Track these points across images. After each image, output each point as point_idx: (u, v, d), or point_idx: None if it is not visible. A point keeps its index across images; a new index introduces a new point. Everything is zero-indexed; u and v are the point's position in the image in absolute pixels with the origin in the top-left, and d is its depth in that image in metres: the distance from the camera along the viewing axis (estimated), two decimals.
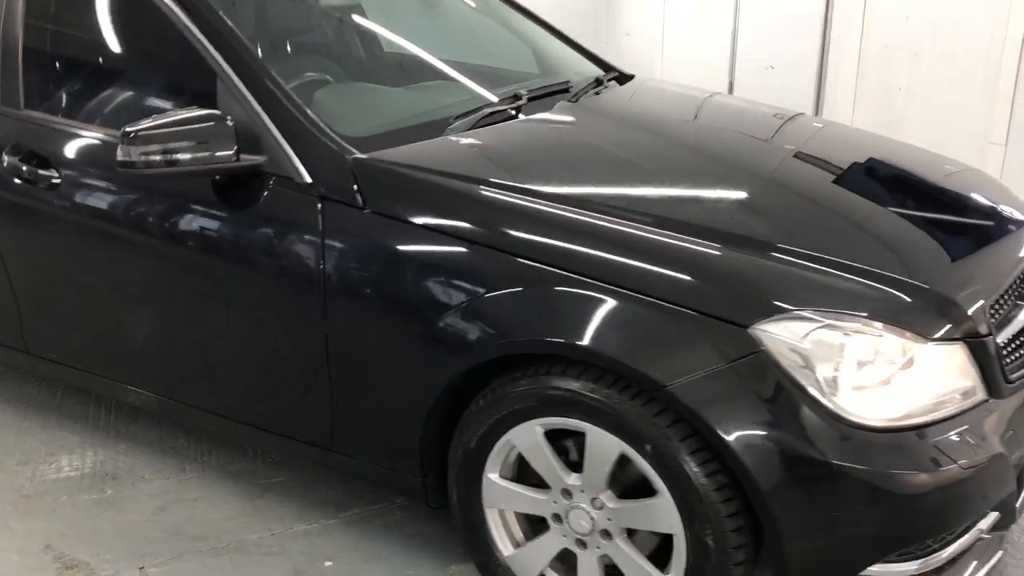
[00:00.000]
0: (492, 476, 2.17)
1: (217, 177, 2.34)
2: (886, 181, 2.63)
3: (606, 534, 2.07)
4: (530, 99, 2.74)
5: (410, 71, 3.03)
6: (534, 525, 2.22)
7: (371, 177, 2.25)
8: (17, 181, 2.66)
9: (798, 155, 2.63)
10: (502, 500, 2.20)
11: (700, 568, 1.96)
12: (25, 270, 2.80)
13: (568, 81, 2.98)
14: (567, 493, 2.09)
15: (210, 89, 2.39)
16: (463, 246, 2.12)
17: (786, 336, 1.85)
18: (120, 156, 2.23)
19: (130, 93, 2.71)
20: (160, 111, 2.34)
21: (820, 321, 1.86)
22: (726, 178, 2.45)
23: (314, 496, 2.77)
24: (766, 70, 5.86)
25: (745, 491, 1.87)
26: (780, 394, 1.85)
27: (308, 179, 2.27)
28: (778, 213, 2.29)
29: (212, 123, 2.25)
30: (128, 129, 2.22)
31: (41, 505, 2.75)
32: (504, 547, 2.23)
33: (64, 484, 2.85)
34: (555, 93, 2.86)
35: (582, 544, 2.11)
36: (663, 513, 1.96)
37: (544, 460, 2.09)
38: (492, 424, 2.10)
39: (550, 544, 2.17)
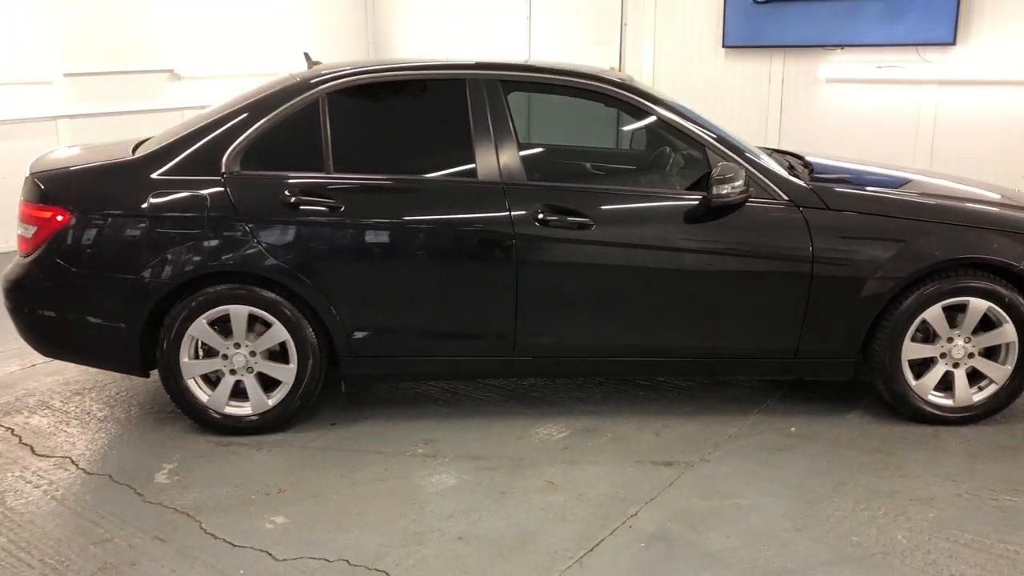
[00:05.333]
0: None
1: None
2: None
3: (968, 357, 4.17)
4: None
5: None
6: None
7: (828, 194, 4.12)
8: (553, 230, 4.04)
9: None
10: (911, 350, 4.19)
11: None
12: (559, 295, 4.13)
13: None
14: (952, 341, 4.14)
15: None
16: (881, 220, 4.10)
17: None
18: (715, 191, 3.89)
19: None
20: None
21: None
22: None
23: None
24: None
25: None
26: None
27: (786, 198, 4.07)
28: None
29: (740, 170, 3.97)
30: (716, 175, 3.91)
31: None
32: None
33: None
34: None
35: (954, 363, 4.17)
36: (1006, 336, 4.11)
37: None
38: (917, 307, 4.07)
39: (938, 373, 4.19)
